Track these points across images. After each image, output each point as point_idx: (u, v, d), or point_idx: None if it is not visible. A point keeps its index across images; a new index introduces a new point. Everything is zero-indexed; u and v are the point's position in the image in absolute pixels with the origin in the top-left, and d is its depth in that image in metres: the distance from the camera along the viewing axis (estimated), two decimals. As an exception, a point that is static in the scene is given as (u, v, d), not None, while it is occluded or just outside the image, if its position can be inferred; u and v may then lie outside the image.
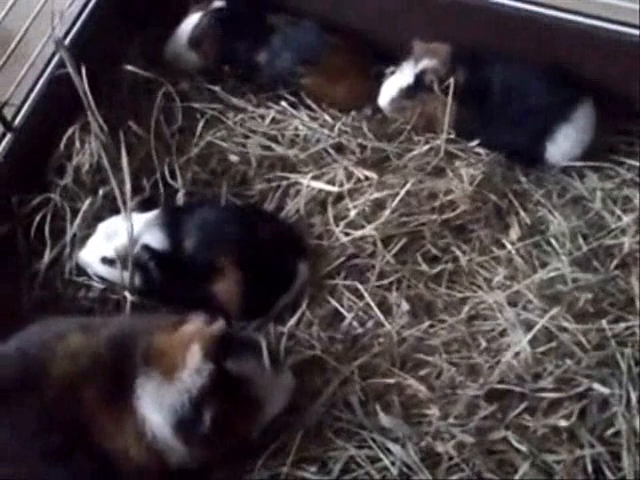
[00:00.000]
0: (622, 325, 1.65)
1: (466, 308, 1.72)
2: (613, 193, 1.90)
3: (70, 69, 1.57)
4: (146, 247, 1.65)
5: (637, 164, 1.94)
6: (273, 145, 1.94)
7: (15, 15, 1.79)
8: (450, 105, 1.88)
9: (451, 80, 1.85)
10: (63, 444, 1.36)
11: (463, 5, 1.93)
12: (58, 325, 1.48)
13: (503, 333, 1.68)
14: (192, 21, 2.06)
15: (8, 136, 1.77)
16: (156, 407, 1.35)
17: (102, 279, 1.73)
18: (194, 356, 1.35)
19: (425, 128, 1.97)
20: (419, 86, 1.93)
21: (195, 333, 1.40)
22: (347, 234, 1.79)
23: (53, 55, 1.86)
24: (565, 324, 1.65)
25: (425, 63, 1.91)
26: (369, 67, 2.05)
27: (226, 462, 1.49)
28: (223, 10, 2.04)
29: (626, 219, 1.84)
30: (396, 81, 1.96)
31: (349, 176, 1.86)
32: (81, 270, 1.74)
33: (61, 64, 1.81)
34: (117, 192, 1.65)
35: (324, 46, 2.03)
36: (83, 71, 1.71)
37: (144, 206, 1.73)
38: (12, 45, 1.75)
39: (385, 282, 1.75)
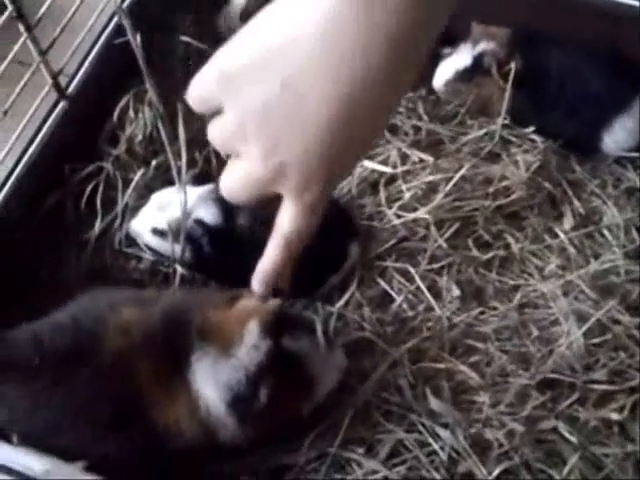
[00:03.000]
0: (677, 320, 1.64)
1: (518, 296, 1.70)
2: (668, 186, 1.88)
3: (130, 37, 1.54)
4: (199, 222, 1.64)
5: (694, 157, 1.91)
6: (325, 123, 1.92)
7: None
8: (508, 89, 1.86)
9: (512, 64, 1.82)
10: (115, 416, 1.35)
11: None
12: (111, 297, 1.47)
13: (555, 322, 1.66)
14: (246, -7, 2.04)
15: (62, 103, 1.75)
16: (211, 382, 1.34)
17: (152, 250, 1.72)
18: (252, 332, 1.34)
19: (480, 112, 1.94)
20: (476, 69, 1.90)
21: (252, 309, 1.38)
22: (399, 216, 1.77)
23: (108, 23, 1.84)
24: (618, 316, 1.63)
25: (484, 45, 1.88)
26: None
27: (275, 441, 1.48)
28: (279, -17, 2.02)
29: (681, 213, 1.82)
30: (452, 63, 1.93)
31: (403, 158, 1.84)
32: (131, 241, 1.73)
33: (116, 33, 1.79)
34: (172, 164, 1.63)
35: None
36: (139, 40, 1.70)
37: (197, 180, 1.71)
38: (69, 14, 1.73)
39: (436, 266, 1.73)
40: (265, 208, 1.07)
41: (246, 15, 2.02)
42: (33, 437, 1.35)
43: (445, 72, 1.94)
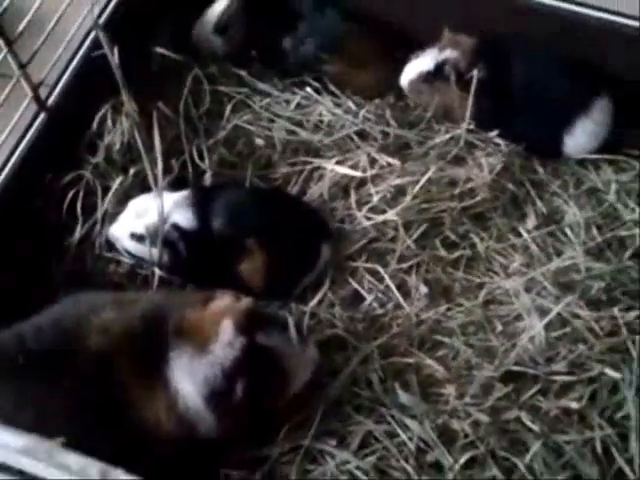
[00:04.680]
0: (633, 313, 1.70)
1: (483, 293, 1.78)
2: (627, 186, 1.95)
3: (107, 51, 1.61)
4: (175, 226, 1.70)
5: (652, 157, 1.99)
6: (298, 130, 1.99)
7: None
8: (470, 97, 1.92)
9: (473, 73, 1.89)
10: (98, 414, 1.41)
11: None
12: (91, 300, 1.54)
13: (518, 318, 1.73)
14: (219, 7, 2.10)
15: (42, 115, 1.81)
16: (189, 379, 1.41)
17: (130, 255, 1.78)
18: (226, 330, 1.41)
19: (443, 117, 2.02)
20: (437, 74, 1.98)
21: (226, 308, 1.45)
22: (369, 218, 1.84)
23: (86, 36, 1.90)
24: (578, 311, 1.70)
25: (447, 53, 1.96)
26: (393, 55, 2.08)
27: (250, 433, 1.54)
28: (250, -3, 2.09)
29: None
30: (417, 64, 2.01)
31: (372, 162, 1.91)
32: (111, 246, 1.80)
33: (94, 46, 1.85)
34: (149, 171, 1.69)
35: (348, 34, 2.08)
36: (116, 53, 1.76)
37: (174, 186, 1.78)
38: (49, 26, 1.78)
39: (405, 266, 1.81)
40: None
41: (220, 27, 2.09)
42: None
43: (410, 72, 2.02)
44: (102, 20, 1.93)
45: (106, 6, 1.96)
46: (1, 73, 1.75)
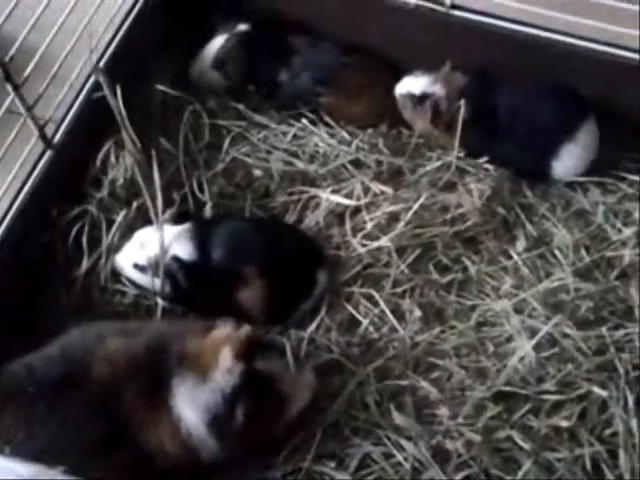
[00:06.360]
0: (621, 332, 1.76)
1: (475, 315, 1.83)
2: (614, 207, 2.00)
3: (107, 93, 1.68)
4: (175, 258, 1.77)
5: (637, 179, 2.04)
6: (294, 160, 2.06)
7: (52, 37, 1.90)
8: (457, 132, 1.99)
9: (461, 108, 1.96)
10: (104, 440, 1.47)
11: (477, 29, 2.04)
12: (97, 329, 1.61)
13: (509, 339, 1.78)
14: (217, 43, 2.17)
15: (48, 153, 1.88)
16: (191, 405, 1.47)
17: (134, 284, 1.85)
18: (226, 357, 1.48)
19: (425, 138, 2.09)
20: (420, 102, 2.05)
21: (225, 336, 1.52)
22: (364, 245, 1.91)
23: (89, 77, 1.96)
24: (567, 331, 1.75)
25: (435, 89, 2.02)
26: (385, 86, 2.14)
27: (251, 457, 1.60)
28: (247, 33, 2.16)
29: (626, 232, 1.94)
30: (411, 83, 2.07)
31: (366, 190, 1.97)
32: (116, 278, 1.86)
33: (97, 85, 1.92)
34: (150, 205, 1.77)
35: (342, 67, 2.15)
36: (118, 92, 1.83)
37: (178, 218, 1.84)
38: (53, 66, 1.85)
39: (399, 290, 1.87)
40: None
41: (218, 63, 2.17)
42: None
43: (404, 86, 2.09)
44: (104, 59, 1.99)
45: (108, 45, 2.03)
46: (9, 110, 1.80)
